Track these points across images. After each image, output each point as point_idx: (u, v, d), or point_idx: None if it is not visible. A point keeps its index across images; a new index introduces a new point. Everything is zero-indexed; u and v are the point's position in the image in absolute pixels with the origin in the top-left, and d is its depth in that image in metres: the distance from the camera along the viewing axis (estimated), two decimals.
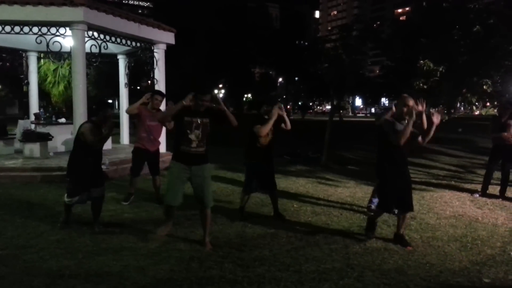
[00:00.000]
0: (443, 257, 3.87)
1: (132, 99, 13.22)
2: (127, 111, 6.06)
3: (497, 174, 6.72)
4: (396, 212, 4.96)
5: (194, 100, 3.88)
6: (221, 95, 63.94)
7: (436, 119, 4.15)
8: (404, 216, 4.23)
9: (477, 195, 6.46)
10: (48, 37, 7.88)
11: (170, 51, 10.45)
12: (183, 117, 3.90)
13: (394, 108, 4.60)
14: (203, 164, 3.97)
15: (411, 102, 4.05)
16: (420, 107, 4.14)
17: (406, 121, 3.99)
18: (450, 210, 5.62)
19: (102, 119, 4.40)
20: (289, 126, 5.02)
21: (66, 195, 4.46)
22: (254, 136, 4.87)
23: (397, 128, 4.05)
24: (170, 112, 4.06)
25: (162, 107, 5.97)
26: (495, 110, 9.41)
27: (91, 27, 7.96)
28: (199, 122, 3.87)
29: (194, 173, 3.92)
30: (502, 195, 6.37)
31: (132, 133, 12.67)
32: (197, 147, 3.89)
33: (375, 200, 5.22)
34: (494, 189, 6.59)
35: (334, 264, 3.63)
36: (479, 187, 6.82)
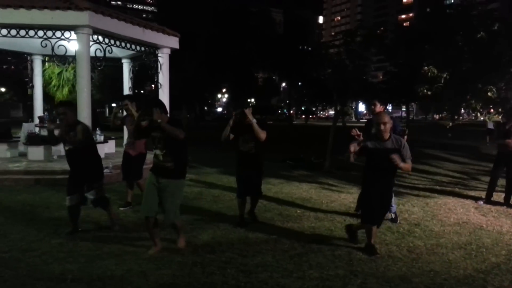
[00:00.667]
0: (447, 264, 3.84)
1: (136, 103, 13.24)
2: (112, 126, 6.20)
3: (501, 181, 6.67)
4: (393, 216, 5.00)
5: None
6: (224, 100, 64.16)
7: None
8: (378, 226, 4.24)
9: (482, 202, 6.42)
10: (53, 41, 7.94)
11: (172, 55, 10.49)
12: (150, 133, 3.95)
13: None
14: (171, 179, 3.87)
15: (384, 119, 3.93)
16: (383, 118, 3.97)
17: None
18: (454, 217, 5.58)
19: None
20: (259, 136, 4.71)
21: None
22: (237, 142, 4.91)
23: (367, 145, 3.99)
24: (132, 132, 4.26)
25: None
26: (500, 117, 9.36)
27: (96, 31, 8.01)
28: (159, 136, 3.85)
29: (161, 186, 3.88)
30: (506, 202, 6.32)
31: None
32: (163, 161, 3.86)
33: (395, 206, 5.18)
34: (499, 196, 6.54)
35: (337, 271, 3.60)
36: (483, 194, 6.78)
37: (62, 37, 7.95)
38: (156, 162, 3.93)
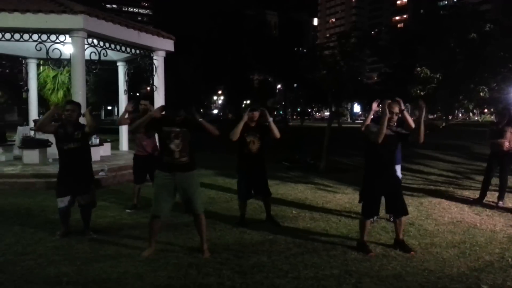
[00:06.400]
0: (441, 263, 3.88)
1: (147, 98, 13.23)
2: (117, 124, 6.09)
3: (495, 181, 6.74)
4: (391, 219, 5.02)
5: (167, 112, 3.91)
6: (220, 102, 64.14)
7: (421, 110, 4.17)
8: (400, 220, 4.24)
9: (501, 203, 6.30)
10: (48, 44, 7.93)
11: (168, 58, 10.51)
12: (161, 127, 3.89)
13: (375, 106, 4.60)
14: (187, 171, 3.90)
15: (396, 109, 4.13)
16: (397, 108, 4.17)
17: (381, 120, 4.05)
18: (449, 216, 5.63)
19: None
20: (276, 134, 4.89)
21: None
22: (242, 143, 4.92)
23: (372, 129, 4.14)
24: (141, 123, 4.02)
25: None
26: (492, 117, 9.46)
27: (90, 35, 8.01)
28: (177, 131, 3.83)
29: (178, 180, 3.87)
30: (499, 201, 6.37)
31: (131, 140, 12.69)
32: (179, 157, 3.84)
33: None
34: (493, 196, 6.60)
35: (332, 271, 3.63)
36: (477, 193, 6.84)
37: (57, 41, 7.95)
38: (169, 160, 3.85)
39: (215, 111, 67.71)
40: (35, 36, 7.85)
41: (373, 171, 4.21)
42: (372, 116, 4.34)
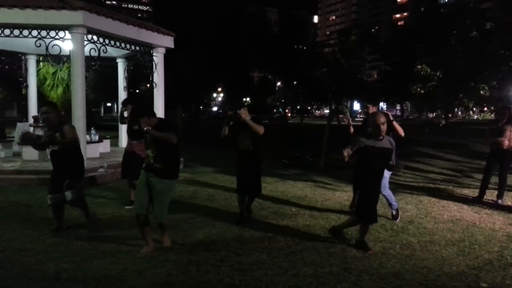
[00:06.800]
0: (440, 261, 3.88)
1: (131, 102, 13.19)
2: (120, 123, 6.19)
3: (494, 179, 6.74)
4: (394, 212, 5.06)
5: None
6: (219, 99, 64.07)
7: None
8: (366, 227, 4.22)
9: (500, 201, 6.35)
10: (47, 41, 7.90)
11: (168, 55, 10.48)
12: (143, 134, 3.96)
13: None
14: (161, 178, 3.90)
15: (381, 119, 4.01)
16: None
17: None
18: (448, 214, 5.64)
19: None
20: (257, 131, 4.80)
21: None
22: (236, 140, 4.98)
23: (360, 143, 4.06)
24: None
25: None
26: (492, 115, 9.45)
27: (90, 31, 7.97)
28: (150, 138, 3.87)
29: (151, 184, 3.91)
30: (498, 200, 6.38)
31: None
32: (154, 162, 3.89)
33: (396, 203, 5.26)
34: (492, 194, 6.61)
35: (332, 268, 3.63)
36: (476, 191, 6.85)
37: (57, 37, 7.91)
38: (147, 162, 3.97)
39: (215, 109, 67.67)
40: (34, 32, 7.81)
41: (368, 179, 4.14)
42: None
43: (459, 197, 6.78)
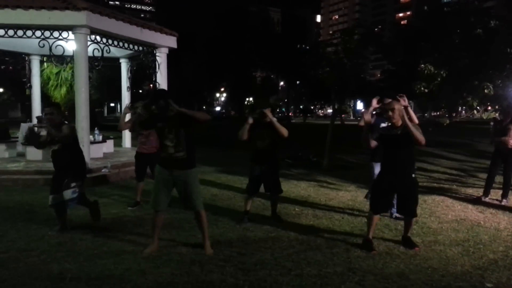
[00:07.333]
0: (445, 261, 3.86)
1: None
2: (118, 129, 5.97)
3: (499, 178, 6.70)
4: (394, 216, 5.03)
5: (146, 109, 3.83)
6: (222, 99, 64.11)
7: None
8: (409, 220, 4.27)
9: (483, 198, 6.44)
10: (50, 41, 7.93)
11: (171, 55, 10.49)
12: (155, 124, 3.88)
13: (374, 102, 4.67)
14: (185, 169, 3.84)
15: (395, 105, 4.09)
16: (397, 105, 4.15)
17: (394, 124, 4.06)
18: (452, 214, 5.60)
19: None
20: (282, 133, 4.84)
21: None
22: (253, 139, 4.94)
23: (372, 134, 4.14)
24: (132, 121, 4.12)
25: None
26: (497, 114, 9.39)
27: (93, 31, 8.00)
28: (170, 126, 3.77)
29: (176, 178, 3.85)
30: (503, 199, 6.34)
31: (134, 137, 12.71)
32: (175, 152, 3.79)
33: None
34: (496, 193, 6.57)
35: (335, 268, 3.62)
36: (480, 191, 6.81)
37: (60, 37, 7.94)
38: (166, 156, 3.83)
39: (218, 108, 67.76)
40: (38, 33, 7.84)
41: (384, 168, 4.21)
42: (370, 113, 4.37)
43: (463, 197, 6.75)
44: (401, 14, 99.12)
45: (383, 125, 4.57)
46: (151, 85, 12.22)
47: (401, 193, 4.20)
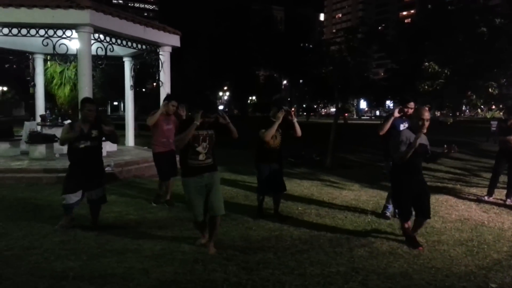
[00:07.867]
0: (448, 261, 3.84)
1: (137, 101, 13.27)
2: (149, 123, 5.81)
3: (503, 178, 6.66)
4: (396, 216, 5.04)
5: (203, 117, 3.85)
6: (225, 98, 64.14)
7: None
8: (421, 221, 4.31)
9: (487, 197, 6.41)
10: (54, 40, 7.95)
11: (174, 53, 10.49)
12: (197, 129, 3.90)
13: (396, 113, 4.75)
14: (213, 171, 3.97)
15: (427, 115, 4.10)
16: (427, 114, 4.18)
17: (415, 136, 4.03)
18: (456, 214, 5.58)
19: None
20: (299, 133, 5.02)
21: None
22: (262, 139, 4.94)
23: (401, 147, 4.09)
24: (187, 135, 3.78)
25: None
26: (501, 113, 9.34)
27: (97, 30, 8.01)
28: (205, 134, 3.87)
29: (206, 181, 3.91)
30: (508, 199, 6.31)
31: (136, 135, 12.72)
32: (205, 158, 3.89)
33: (390, 206, 5.26)
34: (501, 193, 6.53)
35: (339, 268, 3.61)
36: (484, 190, 6.77)
37: (64, 36, 7.96)
38: (195, 164, 3.86)
39: (221, 107, 67.80)
40: (41, 31, 7.86)
41: (406, 175, 4.21)
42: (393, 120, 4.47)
43: (467, 197, 6.71)
44: (404, 13, 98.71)
45: (402, 126, 4.60)
46: (154, 84, 12.21)
47: (418, 193, 4.22)
